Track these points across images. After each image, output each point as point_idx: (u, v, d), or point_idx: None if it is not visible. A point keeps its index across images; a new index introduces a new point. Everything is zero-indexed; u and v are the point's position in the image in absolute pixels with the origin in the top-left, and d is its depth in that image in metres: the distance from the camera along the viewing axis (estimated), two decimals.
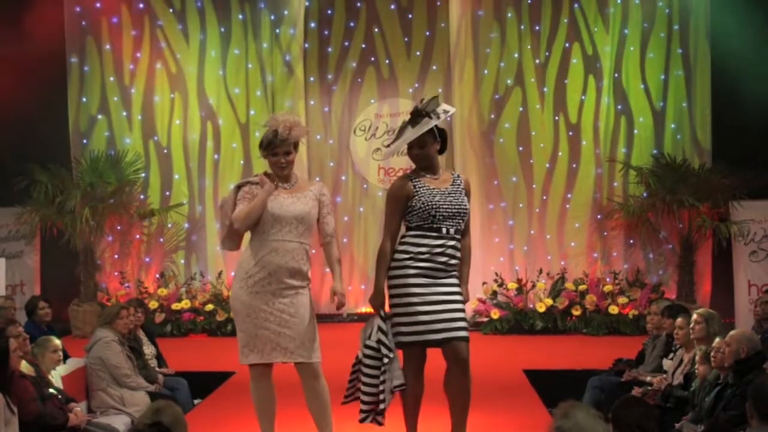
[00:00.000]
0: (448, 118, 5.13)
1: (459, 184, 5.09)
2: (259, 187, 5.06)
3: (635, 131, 10.72)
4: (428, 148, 5.03)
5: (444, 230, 4.99)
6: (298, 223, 5.01)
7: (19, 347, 5.44)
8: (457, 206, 5.02)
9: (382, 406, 4.93)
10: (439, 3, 10.95)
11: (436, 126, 5.00)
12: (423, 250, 4.97)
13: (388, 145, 5.31)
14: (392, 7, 11.01)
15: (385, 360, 4.90)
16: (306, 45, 10.94)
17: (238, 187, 5.19)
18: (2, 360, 4.98)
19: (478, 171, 10.71)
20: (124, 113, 10.86)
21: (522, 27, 10.79)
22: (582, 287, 10.42)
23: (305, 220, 5.03)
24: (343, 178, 11.07)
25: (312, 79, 11.03)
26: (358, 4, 11.02)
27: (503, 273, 10.66)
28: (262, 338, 5.01)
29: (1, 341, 5.10)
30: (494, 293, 10.52)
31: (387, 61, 11.05)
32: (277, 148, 5.00)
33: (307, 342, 4.98)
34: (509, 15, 10.80)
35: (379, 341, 4.92)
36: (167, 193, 10.91)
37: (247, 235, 5.18)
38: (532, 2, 10.77)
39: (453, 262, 5.02)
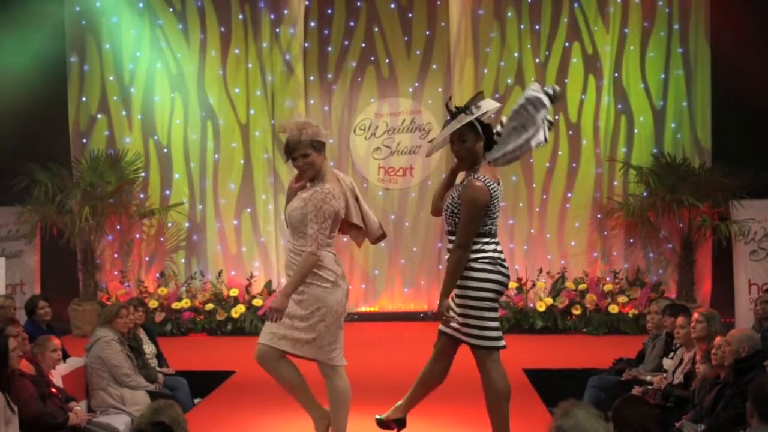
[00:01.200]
0: (491, 115, 5.12)
1: (463, 183, 5.01)
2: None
3: (635, 131, 10.72)
4: (469, 143, 4.94)
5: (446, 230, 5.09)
6: (289, 226, 5.10)
7: (19, 346, 5.43)
8: (448, 205, 5.01)
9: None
10: (439, 2, 10.95)
11: (480, 122, 4.95)
12: None
13: (431, 141, 5.26)
14: (392, 6, 11.01)
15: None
16: (306, 44, 10.94)
17: None
18: (2, 359, 4.98)
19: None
20: (124, 113, 10.86)
21: (522, 26, 10.79)
22: (582, 286, 10.42)
23: (288, 222, 5.09)
24: None
25: (312, 78, 11.04)
26: (358, 4, 11.02)
27: None
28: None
29: (0, 340, 5.10)
30: None
31: (387, 61, 11.05)
32: (294, 152, 4.97)
33: (308, 342, 4.98)
34: (509, 14, 10.79)
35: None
36: (167, 192, 10.91)
37: None
38: (532, 2, 10.76)
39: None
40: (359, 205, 5.17)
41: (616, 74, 10.69)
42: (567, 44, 10.75)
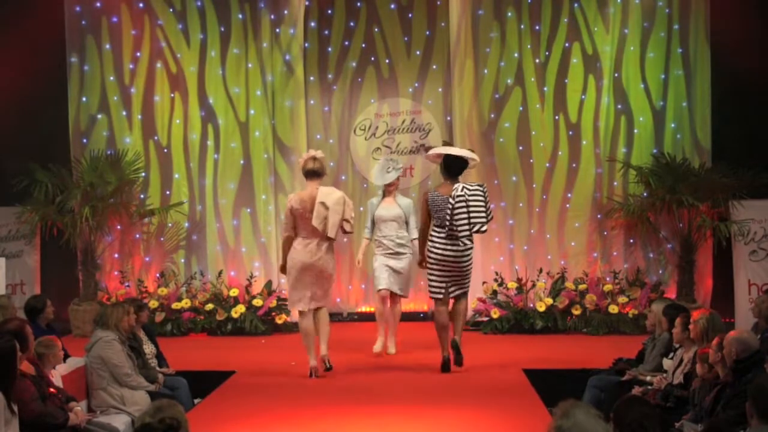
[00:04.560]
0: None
1: None
2: None
3: (635, 131, 10.72)
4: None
5: None
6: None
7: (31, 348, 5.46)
8: None
9: None
10: (439, 2, 10.94)
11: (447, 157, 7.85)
12: None
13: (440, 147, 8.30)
14: (392, 6, 11.01)
15: None
16: (306, 44, 10.94)
17: None
18: (10, 360, 4.97)
19: (478, 170, 10.67)
20: (124, 113, 10.86)
21: (522, 26, 10.78)
22: (582, 287, 10.42)
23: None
24: (343, 177, 11.07)
25: (312, 78, 11.03)
26: (358, 4, 11.02)
27: (503, 272, 10.67)
28: None
29: (8, 344, 5.09)
30: (494, 292, 10.53)
31: (387, 61, 11.05)
32: None
33: None
34: (509, 14, 10.79)
35: None
36: (167, 192, 10.91)
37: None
38: (532, 2, 10.76)
39: None
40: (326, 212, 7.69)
41: (616, 74, 10.68)
42: (567, 44, 10.75)
